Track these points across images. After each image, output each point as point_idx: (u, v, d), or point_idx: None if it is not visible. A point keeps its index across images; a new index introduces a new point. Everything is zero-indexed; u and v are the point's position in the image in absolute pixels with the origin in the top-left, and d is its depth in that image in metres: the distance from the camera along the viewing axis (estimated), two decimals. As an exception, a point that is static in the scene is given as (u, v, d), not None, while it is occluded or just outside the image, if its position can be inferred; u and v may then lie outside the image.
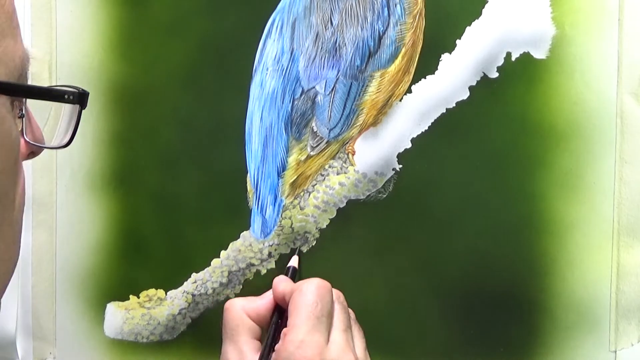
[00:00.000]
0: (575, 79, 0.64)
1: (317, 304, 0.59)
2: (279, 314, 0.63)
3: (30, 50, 0.49)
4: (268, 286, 0.69)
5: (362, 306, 0.66)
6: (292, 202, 0.69)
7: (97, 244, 0.72)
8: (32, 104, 0.50)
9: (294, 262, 0.68)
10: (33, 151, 0.53)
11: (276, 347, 0.59)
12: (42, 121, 0.54)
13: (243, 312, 0.63)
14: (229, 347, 0.62)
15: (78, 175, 0.72)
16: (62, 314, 0.73)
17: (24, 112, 0.49)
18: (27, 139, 0.50)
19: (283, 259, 0.69)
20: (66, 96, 0.51)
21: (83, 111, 0.71)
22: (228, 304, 0.63)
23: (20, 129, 0.49)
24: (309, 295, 0.60)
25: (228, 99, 0.70)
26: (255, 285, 0.70)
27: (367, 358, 0.63)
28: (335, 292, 0.63)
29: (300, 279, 0.66)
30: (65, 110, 0.54)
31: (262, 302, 0.64)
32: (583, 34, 0.64)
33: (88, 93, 0.52)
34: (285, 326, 0.60)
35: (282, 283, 0.64)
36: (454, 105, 0.66)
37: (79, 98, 0.51)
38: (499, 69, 0.65)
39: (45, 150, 0.72)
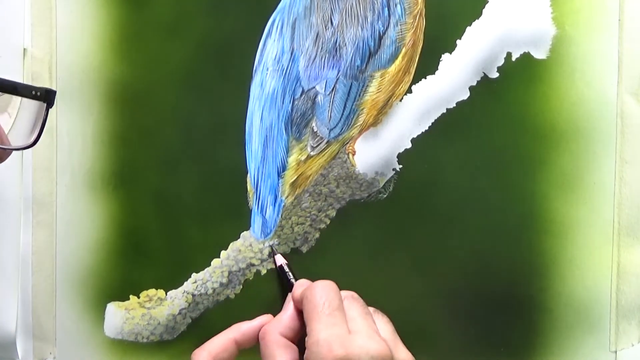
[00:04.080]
0: (575, 79, 0.64)
1: (323, 303, 0.59)
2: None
3: (29, 49, 0.48)
4: (268, 286, 0.69)
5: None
6: (292, 202, 0.69)
7: (97, 243, 0.72)
8: None
9: (280, 260, 0.68)
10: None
11: (304, 357, 0.58)
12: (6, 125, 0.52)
13: (278, 335, 0.61)
14: None
15: (78, 175, 0.72)
16: (62, 314, 0.73)
17: None
18: None
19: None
20: (33, 92, 0.50)
21: (84, 111, 0.71)
22: (262, 332, 0.62)
23: None
24: (315, 298, 0.59)
25: (228, 99, 0.69)
26: (255, 285, 0.70)
27: (397, 338, 0.61)
28: (346, 291, 0.62)
29: (299, 276, 0.66)
30: (31, 109, 0.52)
31: (289, 315, 0.62)
32: (583, 34, 0.64)
33: (55, 91, 0.51)
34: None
35: (298, 288, 0.63)
36: (454, 105, 0.66)
37: (46, 95, 0.50)
38: (499, 69, 0.65)
39: (45, 150, 0.72)
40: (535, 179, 0.65)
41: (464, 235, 0.66)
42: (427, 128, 0.66)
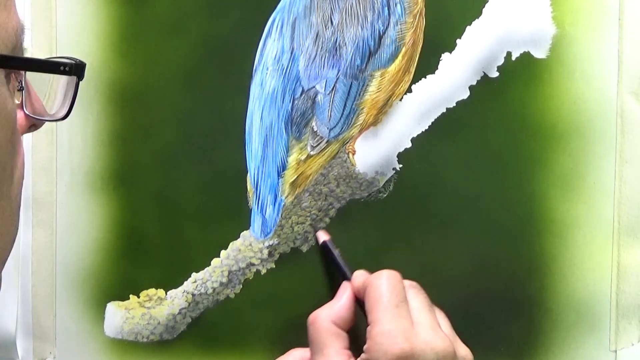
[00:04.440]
0: (575, 78, 0.64)
1: (391, 294, 0.58)
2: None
3: (29, 49, 0.49)
4: (268, 286, 0.69)
5: (362, 306, 0.66)
6: (292, 201, 0.69)
7: (97, 243, 0.72)
8: (32, 77, 0.49)
9: (323, 236, 0.68)
10: (34, 124, 0.51)
11: (365, 347, 0.58)
12: (43, 94, 0.53)
13: (330, 322, 0.61)
14: None
15: (78, 175, 0.72)
16: (62, 314, 0.73)
17: (23, 84, 0.48)
18: (27, 112, 0.49)
19: (283, 259, 0.69)
20: (62, 67, 0.50)
21: (83, 111, 0.71)
22: (312, 317, 0.61)
23: (20, 102, 0.48)
24: (382, 288, 0.59)
25: (228, 99, 0.70)
26: (255, 285, 0.70)
27: (456, 336, 0.61)
28: (409, 281, 0.61)
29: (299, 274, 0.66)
30: (62, 81, 0.53)
31: (343, 304, 0.62)
32: (583, 33, 0.64)
33: (85, 64, 0.51)
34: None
35: (359, 277, 0.63)
36: (454, 104, 0.66)
37: (76, 69, 0.50)
38: (499, 69, 0.65)
39: (45, 150, 0.72)
40: (535, 178, 0.65)
41: (464, 234, 0.66)
42: (427, 127, 0.66)
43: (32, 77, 0.50)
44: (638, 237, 0.64)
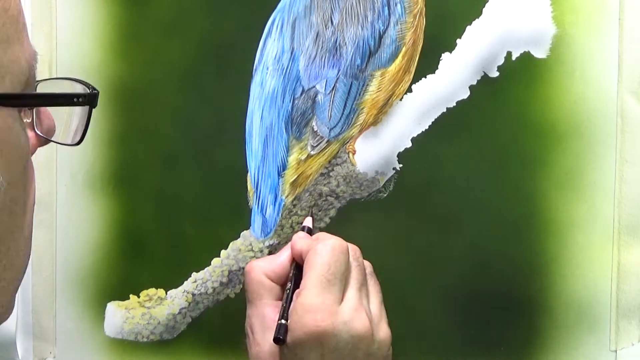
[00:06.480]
0: (575, 78, 0.64)
1: (329, 267, 0.58)
2: (297, 271, 0.62)
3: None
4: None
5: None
6: (292, 201, 0.69)
7: (97, 243, 0.72)
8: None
9: (308, 222, 0.67)
10: (45, 140, 0.51)
11: (289, 311, 0.58)
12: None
13: (263, 275, 0.61)
14: (251, 311, 0.61)
15: (78, 175, 0.72)
16: (62, 314, 0.73)
17: None
18: (38, 132, 0.49)
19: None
20: (75, 99, 0.49)
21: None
22: (248, 267, 0.62)
23: (30, 121, 0.47)
24: (323, 257, 0.59)
25: (228, 99, 0.70)
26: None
27: (382, 312, 0.61)
28: (352, 248, 0.61)
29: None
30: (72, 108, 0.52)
31: (281, 261, 0.63)
32: (583, 33, 0.64)
33: (98, 93, 0.50)
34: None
35: (300, 240, 0.62)
36: (455, 104, 0.66)
37: (89, 99, 0.49)
38: (499, 68, 0.65)
39: (45, 150, 0.72)
40: (536, 178, 0.65)
41: (464, 234, 0.66)
42: (427, 127, 0.66)
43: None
44: (638, 237, 0.64)
